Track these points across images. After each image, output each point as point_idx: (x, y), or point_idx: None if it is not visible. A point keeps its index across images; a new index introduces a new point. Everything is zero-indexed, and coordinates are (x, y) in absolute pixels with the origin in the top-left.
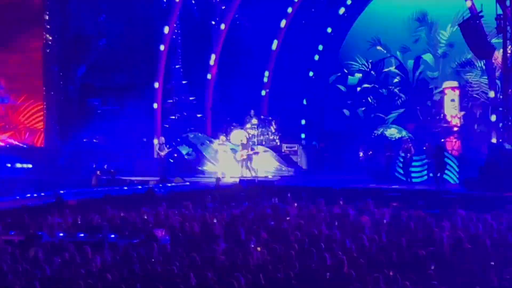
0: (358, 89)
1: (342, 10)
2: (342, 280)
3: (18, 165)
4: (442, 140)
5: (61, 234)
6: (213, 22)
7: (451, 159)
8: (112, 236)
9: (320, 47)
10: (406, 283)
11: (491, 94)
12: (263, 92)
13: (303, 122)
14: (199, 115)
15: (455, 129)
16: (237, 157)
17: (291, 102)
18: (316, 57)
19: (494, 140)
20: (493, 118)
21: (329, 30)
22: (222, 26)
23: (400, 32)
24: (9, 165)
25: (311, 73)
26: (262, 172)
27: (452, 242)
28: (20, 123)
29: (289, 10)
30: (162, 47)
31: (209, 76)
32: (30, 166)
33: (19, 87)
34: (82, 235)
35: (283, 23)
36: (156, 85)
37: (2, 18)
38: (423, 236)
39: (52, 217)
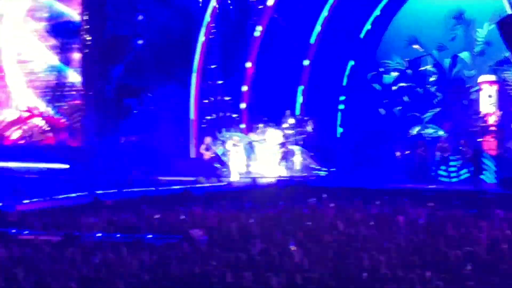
0: (394, 88)
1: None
2: (379, 280)
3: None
4: (479, 139)
5: (98, 234)
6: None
7: (489, 159)
8: (149, 236)
9: (357, 47)
10: (441, 283)
11: None
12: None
13: (339, 121)
14: (235, 115)
15: (492, 128)
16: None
17: (328, 102)
18: (352, 61)
19: None
20: None
21: (367, 28)
22: (259, 27)
23: (437, 30)
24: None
25: (347, 72)
26: (298, 172)
27: (489, 243)
28: (58, 122)
29: (325, 11)
30: (198, 47)
31: (245, 76)
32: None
33: None
34: (119, 235)
35: (320, 22)
36: (193, 85)
37: None
38: (460, 237)
39: (89, 217)
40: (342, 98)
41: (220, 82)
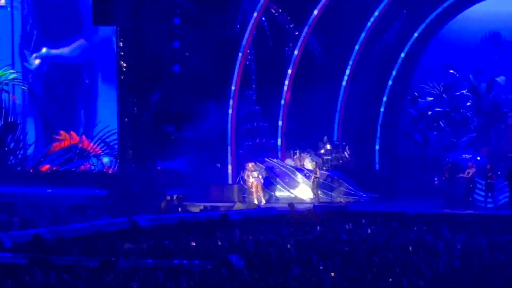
0: (430, 113)
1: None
2: None
3: None
4: None
5: (136, 260)
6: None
7: None
8: (187, 261)
9: (394, 72)
10: None
11: None
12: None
13: (376, 147)
14: (272, 141)
15: None
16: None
17: (365, 127)
18: (390, 82)
19: None
20: None
21: (403, 53)
22: (296, 52)
23: (473, 55)
24: None
25: (384, 98)
26: (335, 197)
27: None
28: (94, 149)
29: (362, 35)
30: (235, 73)
31: (282, 102)
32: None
33: None
34: (156, 261)
35: (356, 47)
36: (230, 111)
37: None
38: (499, 262)
39: (126, 243)
40: (379, 123)
41: (257, 107)
